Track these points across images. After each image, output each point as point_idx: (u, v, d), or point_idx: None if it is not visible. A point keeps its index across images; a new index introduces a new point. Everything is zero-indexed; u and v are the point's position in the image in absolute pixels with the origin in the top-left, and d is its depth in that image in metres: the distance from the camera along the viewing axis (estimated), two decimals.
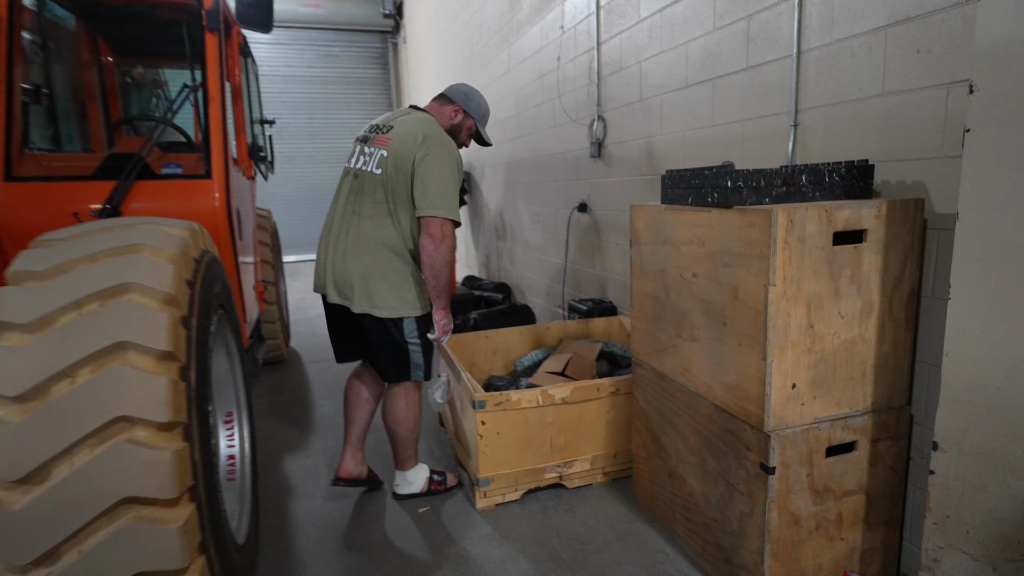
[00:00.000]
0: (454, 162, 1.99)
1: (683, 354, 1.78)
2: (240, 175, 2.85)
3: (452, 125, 2.16)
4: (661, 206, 1.83)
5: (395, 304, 2.00)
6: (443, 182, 1.93)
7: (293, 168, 10.21)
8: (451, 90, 2.20)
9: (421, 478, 2.30)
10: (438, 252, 1.92)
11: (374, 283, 1.98)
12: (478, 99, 2.20)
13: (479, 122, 2.22)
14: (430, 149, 1.94)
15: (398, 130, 2.02)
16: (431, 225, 1.91)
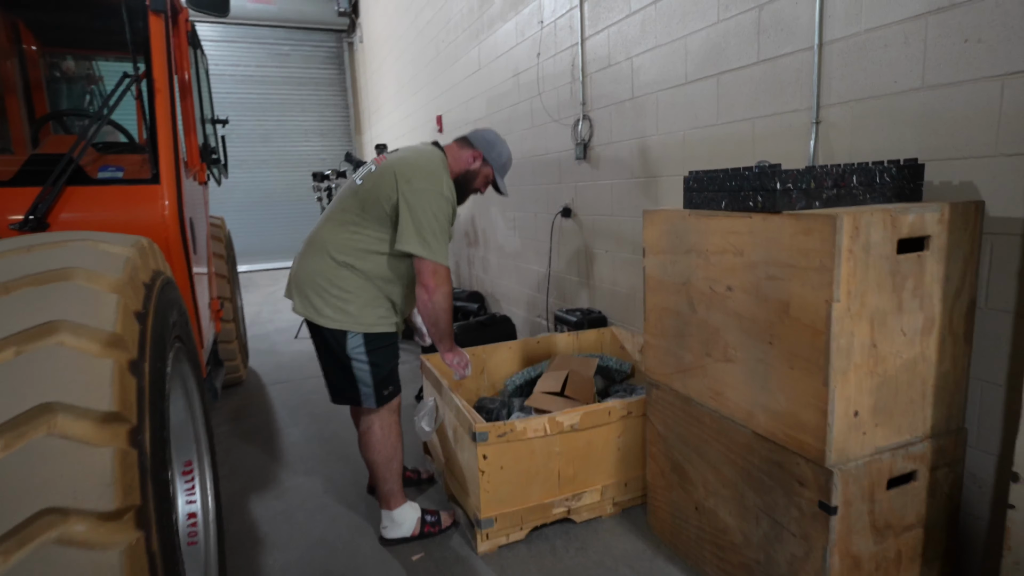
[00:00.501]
0: (444, 201, 1.86)
1: (714, 376, 1.60)
2: (192, 180, 2.52)
3: (468, 171, 2.03)
4: (684, 211, 1.65)
5: (334, 315, 1.86)
6: (431, 219, 1.82)
7: (244, 173, 9.65)
8: (475, 135, 2.07)
9: (411, 519, 2.05)
10: (433, 302, 1.87)
11: (315, 288, 1.88)
12: (501, 148, 2.07)
13: (498, 172, 2.08)
14: (416, 182, 1.82)
15: (399, 155, 1.95)
16: (423, 274, 1.84)
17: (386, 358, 1.93)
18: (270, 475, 2.57)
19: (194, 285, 2.04)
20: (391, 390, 1.97)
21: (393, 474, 1.99)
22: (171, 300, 1.30)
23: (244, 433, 3.03)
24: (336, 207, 1.96)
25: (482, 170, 2.04)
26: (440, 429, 2.30)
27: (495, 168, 2.06)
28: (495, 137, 2.06)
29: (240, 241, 9.27)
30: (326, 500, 2.34)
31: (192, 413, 1.58)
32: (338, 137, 10.35)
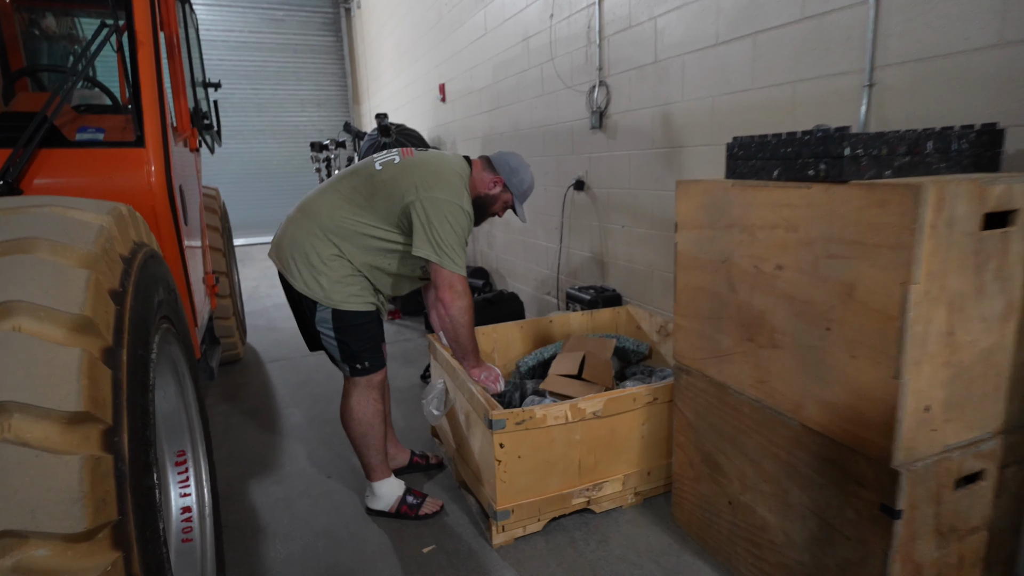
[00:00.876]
0: (463, 214, 1.82)
1: (757, 363, 1.47)
2: (182, 146, 2.34)
3: (487, 194, 1.98)
4: (725, 182, 1.49)
5: (308, 283, 1.82)
6: (449, 230, 1.77)
7: (239, 143, 9.39)
8: (498, 159, 1.99)
9: (389, 495, 2.00)
10: (451, 317, 1.83)
11: (295, 253, 1.82)
12: (524, 175, 2.00)
13: (518, 199, 2.02)
14: (436, 191, 1.78)
15: (426, 158, 1.90)
16: (439, 287, 1.80)
17: (356, 336, 1.85)
18: (270, 459, 2.45)
19: (186, 258, 1.88)
20: (366, 365, 1.89)
21: (370, 448, 1.96)
22: (156, 276, 1.15)
23: (243, 414, 2.91)
24: (345, 183, 1.88)
25: (501, 196, 2.00)
26: (450, 413, 2.18)
27: (515, 195, 2.00)
28: (519, 163, 1.99)
29: (236, 214, 9.02)
30: (330, 486, 2.23)
31: (184, 399, 1.44)
32: (336, 107, 10.05)
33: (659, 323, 2.63)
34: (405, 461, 2.30)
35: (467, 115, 4.89)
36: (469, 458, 2.02)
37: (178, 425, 1.44)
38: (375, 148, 5.24)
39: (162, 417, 1.40)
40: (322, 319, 1.84)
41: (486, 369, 1.94)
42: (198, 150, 2.67)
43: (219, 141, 3.31)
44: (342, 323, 1.83)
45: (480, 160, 2.00)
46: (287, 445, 2.57)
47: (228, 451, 2.53)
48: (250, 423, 2.80)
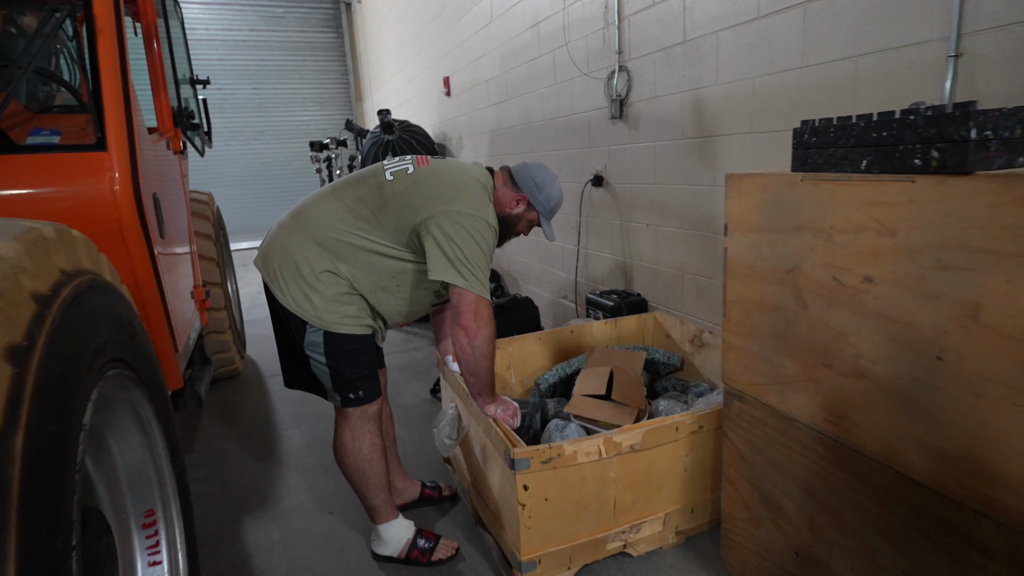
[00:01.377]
0: (489, 230, 1.59)
1: (834, 394, 1.21)
2: (162, 148, 2.11)
3: (509, 215, 1.74)
4: (792, 176, 1.24)
5: (297, 299, 1.58)
6: (475, 249, 1.54)
7: (241, 145, 9.21)
8: (521, 173, 1.75)
9: (397, 539, 1.77)
10: (474, 347, 1.57)
11: (284, 265, 1.59)
12: (550, 190, 1.75)
13: (544, 216, 1.79)
14: (458, 204, 1.55)
15: (443, 166, 1.68)
16: (462, 313, 1.54)
17: (350, 363, 1.62)
18: (268, 491, 2.23)
19: (161, 276, 1.65)
20: (360, 395, 1.65)
21: (371, 488, 1.73)
22: (98, 312, 0.92)
23: (240, 437, 2.69)
24: (350, 191, 1.64)
25: (525, 215, 1.77)
26: (464, 441, 1.94)
27: (541, 213, 1.77)
28: (544, 177, 1.74)
29: (239, 217, 8.91)
30: (332, 525, 2.00)
31: (151, 450, 1.21)
32: (338, 105, 9.83)
33: (692, 332, 2.37)
34: (415, 495, 2.07)
35: (473, 109, 4.64)
36: (487, 495, 1.78)
37: (144, 480, 1.21)
38: (378, 146, 5.01)
39: (124, 473, 1.17)
40: (312, 342, 1.60)
41: (502, 403, 1.70)
42: (183, 152, 2.44)
43: (209, 143, 3.09)
44: (335, 347, 1.60)
45: (501, 172, 1.76)
46: (286, 474, 2.34)
47: (223, 482, 2.31)
48: (247, 448, 2.58)
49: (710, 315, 2.38)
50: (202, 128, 2.90)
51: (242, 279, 6.30)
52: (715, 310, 2.34)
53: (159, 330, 1.65)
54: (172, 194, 2.13)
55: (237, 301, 3.87)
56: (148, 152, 1.76)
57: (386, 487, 1.76)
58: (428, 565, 1.75)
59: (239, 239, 8.66)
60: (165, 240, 1.83)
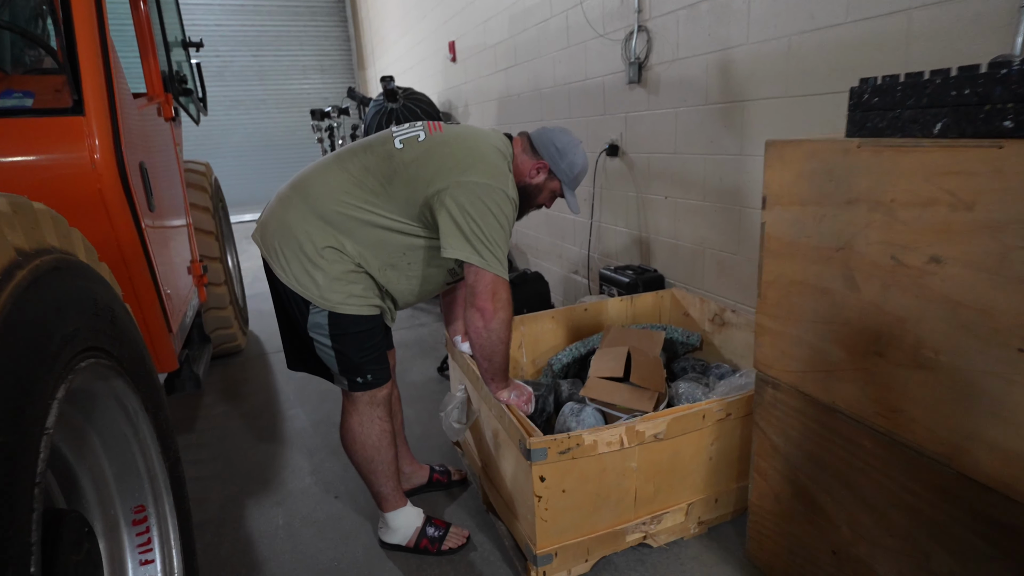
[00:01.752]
0: (508, 203, 1.45)
1: (887, 385, 1.10)
2: (151, 114, 1.97)
3: (528, 184, 1.59)
4: (846, 142, 1.10)
5: (299, 277, 1.47)
6: (492, 222, 1.41)
7: (241, 114, 9.01)
8: (541, 138, 1.59)
9: (406, 527, 1.70)
10: (489, 331, 1.45)
11: (285, 240, 1.47)
12: (572, 156, 1.59)
13: (567, 186, 1.63)
14: (474, 174, 1.41)
15: (458, 133, 1.53)
16: (478, 294, 1.42)
17: (358, 345, 1.52)
18: (271, 474, 2.16)
19: (150, 251, 1.54)
20: (368, 379, 1.56)
21: (379, 476, 1.65)
22: (66, 296, 0.81)
23: (242, 417, 2.61)
24: (355, 160, 1.51)
25: (547, 184, 1.62)
26: (475, 425, 1.85)
27: (564, 182, 1.61)
28: (567, 142, 1.59)
29: (240, 189, 8.75)
30: (338, 510, 1.93)
31: (139, 442, 1.12)
32: (340, 73, 9.57)
33: (713, 310, 2.26)
34: (424, 479, 1.99)
35: (480, 75, 4.45)
36: (500, 484, 1.69)
37: (133, 475, 1.12)
38: (381, 115, 4.83)
39: (110, 468, 1.08)
40: (316, 324, 1.50)
41: (515, 388, 1.59)
42: (175, 119, 2.31)
43: (204, 110, 2.94)
44: (340, 329, 1.49)
45: (520, 138, 1.61)
46: (290, 456, 2.27)
47: (225, 463, 2.24)
48: (250, 428, 2.51)
49: (732, 293, 2.26)
50: (196, 94, 2.75)
51: (244, 252, 6.19)
52: (738, 288, 2.22)
53: (150, 310, 1.55)
54: (163, 164, 2.00)
55: (238, 275, 3.77)
56: (134, 118, 1.63)
57: (395, 474, 1.68)
58: (437, 555, 1.67)
59: (240, 211, 8.53)
60: (155, 213, 1.71)
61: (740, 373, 1.93)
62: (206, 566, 1.69)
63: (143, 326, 1.53)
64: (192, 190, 2.84)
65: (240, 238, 6.83)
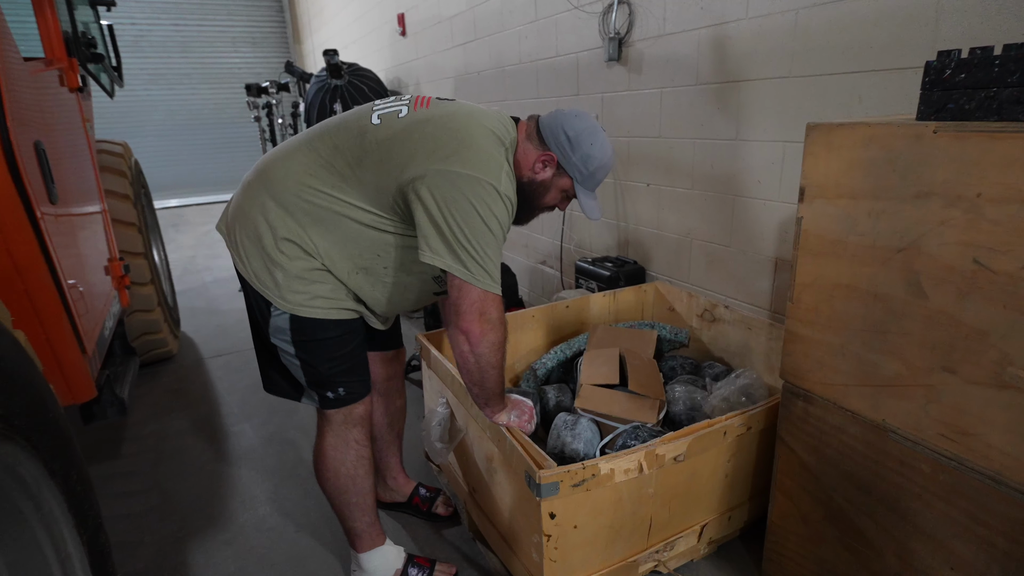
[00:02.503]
0: (498, 202, 1.16)
1: (957, 405, 0.97)
2: (49, 82, 1.61)
3: (531, 180, 1.29)
4: (919, 126, 0.95)
5: (260, 273, 1.24)
6: (478, 225, 1.14)
7: (163, 89, 8.20)
8: (549, 124, 1.28)
9: (384, 569, 1.48)
10: (477, 355, 1.21)
11: (244, 227, 1.24)
12: (588, 147, 1.26)
13: (582, 184, 1.31)
14: (456, 162, 1.14)
15: (448, 110, 1.24)
16: (463, 313, 1.17)
17: (324, 354, 1.29)
18: (217, 506, 1.86)
19: (52, 253, 1.22)
20: (340, 393, 1.33)
21: (353, 509, 1.43)
22: None
23: (179, 436, 2.28)
24: (325, 140, 1.25)
25: (556, 181, 1.30)
26: (462, 444, 1.64)
27: (577, 180, 1.30)
28: (583, 129, 1.26)
29: (164, 172, 8.01)
30: (300, 547, 1.67)
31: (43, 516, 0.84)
32: (274, 46, 8.88)
33: (702, 305, 2.12)
34: (404, 497, 1.77)
35: (434, 51, 4.14)
36: (493, 514, 1.49)
37: (34, 562, 0.84)
38: (324, 92, 4.44)
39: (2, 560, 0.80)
40: (277, 328, 1.26)
41: (515, 407, 1.38)
42: (82, 89, 1.92)
43: (120, 80, 2.52)
44: (304, 335, 1.25)
45: (527, 123, 1.31)
46: (239, 482, 1.98)
47: (160, 495, 1.92)
48: (188, 450, 2.18)
49: (723, 287, 2.13)
50: (108, 61, 2.34)
51: (171, 242, 5.65)
52: (729, 282, 2.09)
53: (56, 330, 1.23)
54: (68, 143, 1.64)
55: (166, 271, 3.35)
56: (25, 85, 1.29)
57: (372, 508, 1.45)
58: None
59: (165, 196, 7.83)
60: (58, 204, 1.37)
61: (736, 373, 1.80)
62: None
63: (48, 352, 1.22)
64: (107, 175, 2.44)
65: (165, 227, 6.25)
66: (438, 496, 1.78)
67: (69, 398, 1.32)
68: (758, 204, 1.91)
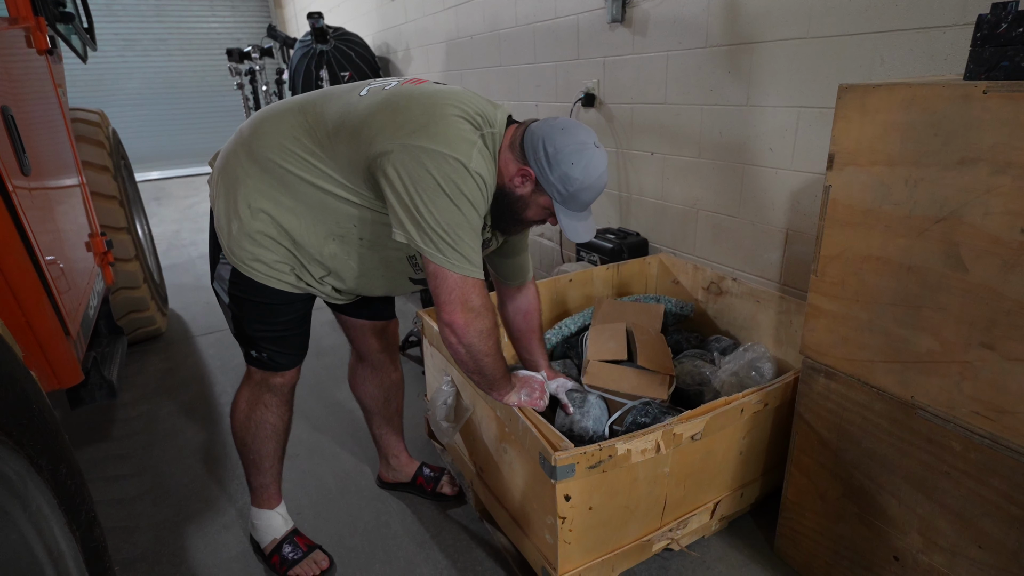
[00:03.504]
0: (469, 181, 1.08)
1: (996, 383, 0.93)
2: (16, 43, 1.49)
3: (513, 193, 1.18)
4: (967, 86, 0.88)
5: (220, 217, 1.24)
6: (448, 205, 1.06)
7: (138, 56, 7.86)
8: (531, 136, 1.14)
9: (266, 532, 1.52)
10: (466, 346, 1.15)
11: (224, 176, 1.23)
12: (566, 167, 1.11)
13: (563, 204, 1.17)
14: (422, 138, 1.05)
15: (433, 90, 1.15)
16: (443, 303, 1.11)
17: (256, 316, 1.29)
18: (214, 489, 1.81)
19: (28, 229, 1.13)
20: (263, 357, 1.34)
21: (249, 464, 1.47)
22: None
23: (171, 417, 2.21)
24: (317, 106, 1.20)
25: (535, 199, 1.18)
26: (470, 429, 1.59)
27: (556, 200, 1.16)
28: (566, 146, 1.12)
29: (145, 143, 7.74)
30: (302, 527, 1.63)
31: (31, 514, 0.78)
32: (253, 11, 8.52)
33: (709, 278, 2.07)
34: (408, 477, 1.74)
35: (424, 13, 3.96)
36: (503, 495, 1.45)
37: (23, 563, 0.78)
38: (309, 57, 4.26)
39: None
40: (219, 275, 1.28)
41: (524, 385, 1.33)
42: (52, 51, 1.79)
43: (92, 43, 2.37)
44: (240, 291, 1.26)
45: (516, 128, 1.19)
46: (235, 463, 1.92)
47: (154, 479, 1.87)
48: (180, 432, 2.12)
49: (729, 259, 2.08)
50: (79, 22, 2.19)
51: (154, 216, 5.48)
52: (737, 254, 2.04)
53: (36, 311, 1.15)
54: (38, 110, 1.53)
55: (151, 246, 3.23)
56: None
57: (268, 470, 1.48)
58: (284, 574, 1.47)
59: (145, 168, 7.57)
60: (32, 176, 1.27)
61: (744, 347, 1.77)
62: None
63: (29, 336, 1.14)
64: (84, 145, 2.31)
65: (148, 200, 6.06)
66: (443, 475, 1.74)
67: (54, 383, 1.25)
68: (769, 173, 1.85)
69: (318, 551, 1.50)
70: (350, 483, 1.80)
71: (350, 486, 1.79)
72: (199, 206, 5.99)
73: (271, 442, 1.44)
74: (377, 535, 1.59)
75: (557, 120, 1.16)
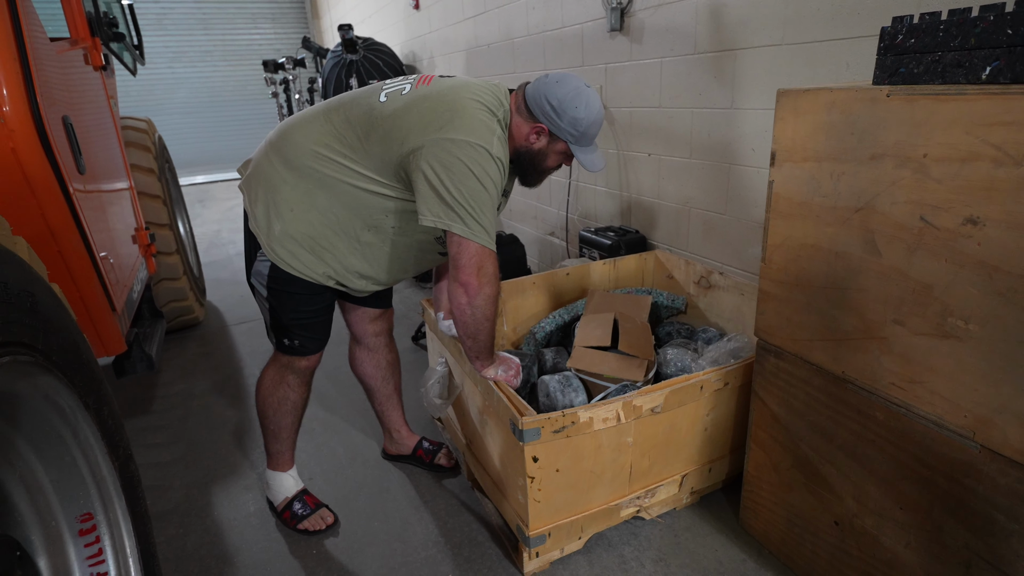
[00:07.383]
0: (491, 163, 1.27)
1: (906, 355, 1.04)
2: (75, 62, 1.72)
3: (527, 150, 1.41)
4: (874, 90, 1.00)
5: (260, 219, 1.40)
6: (475, 185, 1.24)
7: (185, 67, 8.36)
8: (534, 96, 1.36)
9: (279, 491, 1.71)
10: (473, 307, 1.32)
11: (262, 186, 1.39)
12: (574, 111, 1.34)
13: (577, 143, 1.40)
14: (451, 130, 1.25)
15: (444, 85, 1.34)
16: (461, 267, 1.28)
17: (291, 306, 1.47)
18: (238, 456, 2.02)
19: (83, 220, 1.35)
20: (295, 344, 1.52)
21: (268, 433, 1.67)
22: None
23: (204, 395, 2.45)
24: (339, 112, 1.38)
25: (552, 147, 1.41)
26: (458, 400, 1.75)
27: (571, 142, 1.39)
28: (565, 95, 1.33)
29: (188, 149, 8.22)
30: (312, 491, 1.82)
31: (81, 443, 0.97)
32: (293, 22, 8.95)
33: (699, 272, 2.18)
34: (408, 450, 1.91)
35: (446, 23, 4.17)
36: (486, 462, 1.61)
37: (75, 481, 0.97)
38: (340, 67, 4.51)
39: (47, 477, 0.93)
40: (258, 272, 1.45)
41: (502, 363, 1.49)
42: (106, 68, 2.04)
43: (141, 59, 2.64)
44: (278, 285, 1.43)
45: (516, 95, 1.40)
46: (258, 436, 2.13)
47: (187, 446, 2.09)
48: (213, 407, 2.35)
49: (718, 254, 2.18)
50: (129, 40, 2.45)
51: (197, 217, 5.85)
52: (725, 249, 2.14)
53: (88, 288, 1.37)
54: (94, 119, 1.77)
55: (192, 243, 3.51)
56: (52, 64, 1.40)
57: (284, 439, 1.67)
58: (294, 531, 1.66)
59: (190, 173, 8.04)
60: (86, 176, 1.50)
61: (728, 337, 1.87)
62: (172, 560, 1.57)
63: (81, 307, 1.35)
64: (133, 149, 2.58)
65: (192, 202, 6.47)
66: (440, 449, 1.90)
67: (101, 351, 1.47)
68: (751, 172, 1.95)
69: (324, 509, 1.68)
70: (357, 454, 1.98)
71: (357, 457, 1.97)
72: (238, 208, 6.35)
73: (290, 416, 1.63)
74: (378, 499, 1.76)
75: (548, 76, 1.37)
